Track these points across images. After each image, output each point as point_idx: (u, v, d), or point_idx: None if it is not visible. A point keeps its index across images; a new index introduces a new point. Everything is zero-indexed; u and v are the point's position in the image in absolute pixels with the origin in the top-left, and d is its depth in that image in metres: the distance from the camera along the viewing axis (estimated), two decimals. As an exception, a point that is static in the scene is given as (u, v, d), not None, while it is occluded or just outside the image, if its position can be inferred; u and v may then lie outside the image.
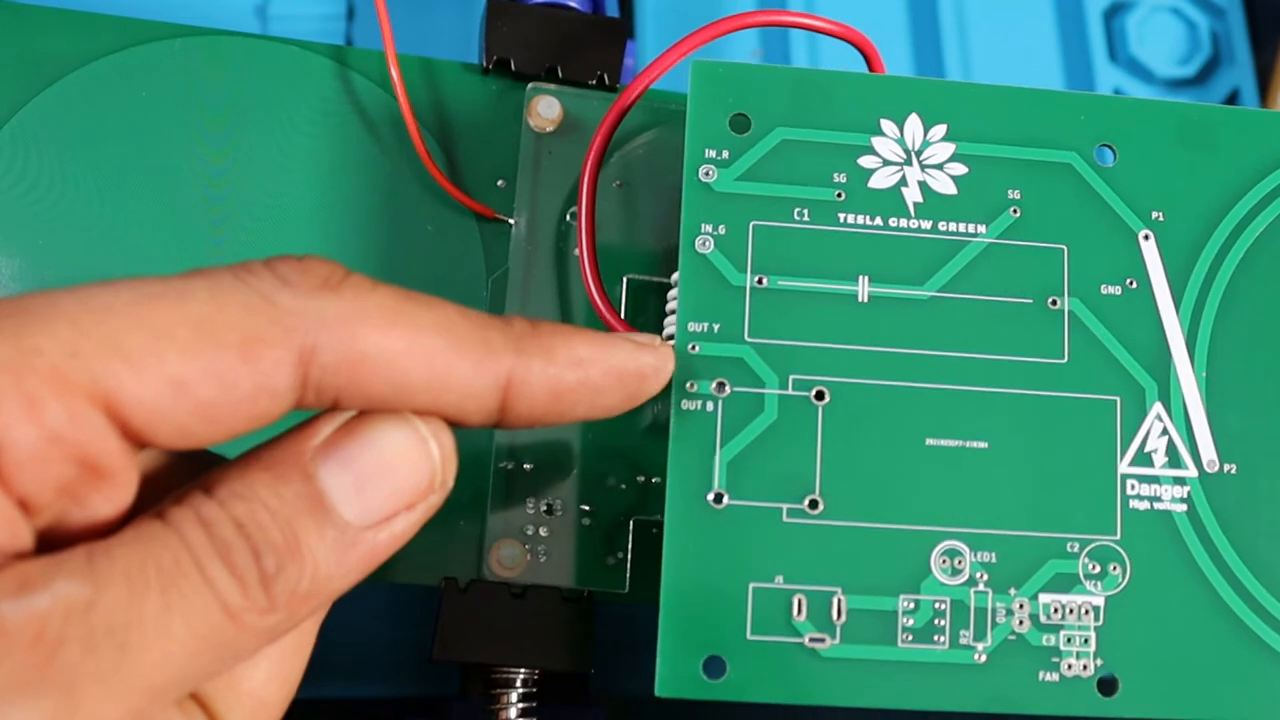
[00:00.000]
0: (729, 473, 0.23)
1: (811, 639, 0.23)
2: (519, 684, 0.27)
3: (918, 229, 0.24)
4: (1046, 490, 0.24)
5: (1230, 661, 0.23)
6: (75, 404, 0.16)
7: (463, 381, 0.19)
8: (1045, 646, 0.23)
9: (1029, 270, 0.24)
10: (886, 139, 0.25)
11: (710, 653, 0.22)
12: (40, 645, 0.15)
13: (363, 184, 0.28)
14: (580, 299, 0.28)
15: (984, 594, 0.23)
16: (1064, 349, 0.24)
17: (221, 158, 0.28)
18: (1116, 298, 0.24)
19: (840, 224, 0.24)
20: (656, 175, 0.29)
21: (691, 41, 0.27)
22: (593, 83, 0.29)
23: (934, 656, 0.23)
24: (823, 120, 0.25)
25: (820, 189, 0.24)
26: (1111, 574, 0.23)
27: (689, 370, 0.23)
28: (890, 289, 0.24)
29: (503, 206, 0.28)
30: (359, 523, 0.18)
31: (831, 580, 0.23)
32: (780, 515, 0.23)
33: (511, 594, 0.26)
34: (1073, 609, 0.23)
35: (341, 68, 0.29)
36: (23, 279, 0.27)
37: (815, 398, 0.23)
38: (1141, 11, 0.42)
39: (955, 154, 0.25)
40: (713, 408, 0.23)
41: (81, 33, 0.28)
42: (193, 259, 0.27)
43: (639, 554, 0.27)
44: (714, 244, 0.24)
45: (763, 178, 0.24)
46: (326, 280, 0.18)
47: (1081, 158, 0.25)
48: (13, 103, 0.27)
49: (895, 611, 0.23)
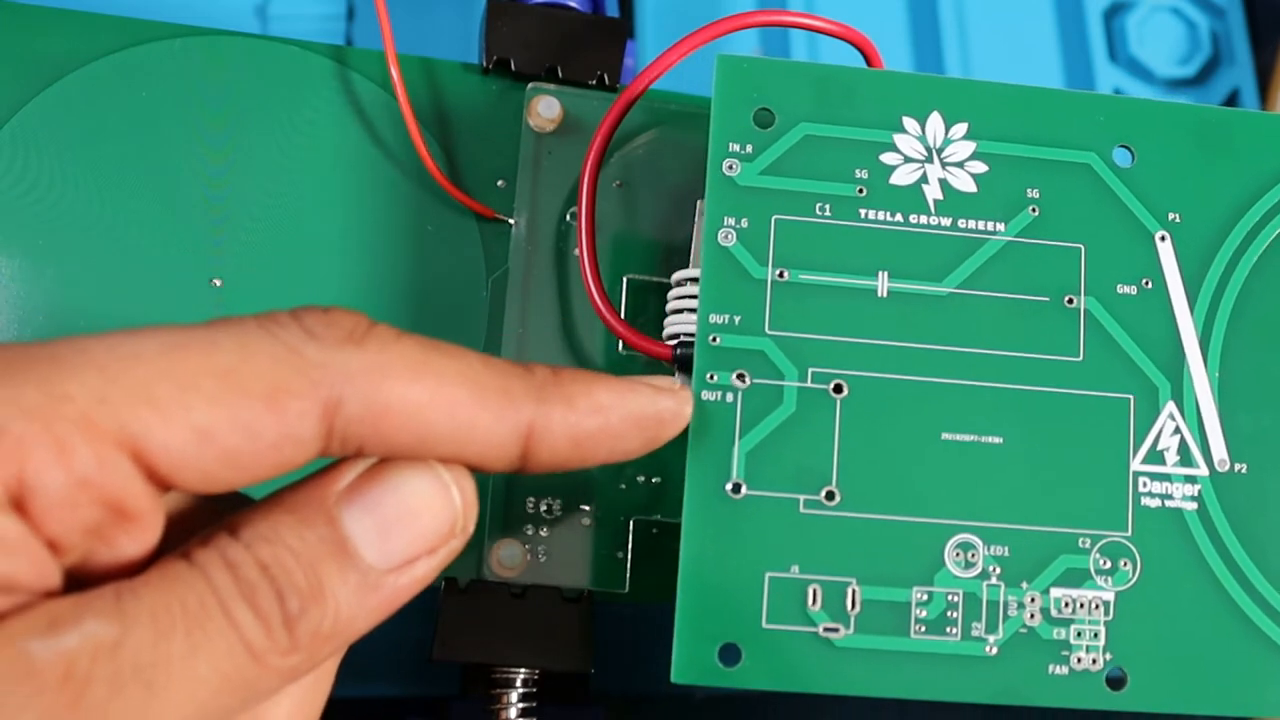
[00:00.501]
0: (747, 463, 0.23)
1: (826, 629, 0.23)
2: (519, 684, 0.27)
3: (937, 226, 0.25)
4: (1059, 486, 0.24)
5: (1237, 658, 0.23)
6: (103, 449, 0.16)
7: (485, 432, 0.19)
8: (1055, 640, 0.23)
9: (1046, 269, 0.25)
10: (908, 136, 0.25)
11: (725, 641, 0.23)
12: (69, 684, 0.16)
13: (363, 184, 0.28)
14: (580, 299, 0.28)
15: (996, 587, 0.23)
16: (1079, 347, 0.24)
17: (221, 158, 0.28)
18: (1132, 298, 0.25)
19: (861, 219, 0.24)
20: (656, 175, 0.29)
21: (691, 41, 0.27)
22: (593, 83, 0.29)
23: (946, 648, 0.23)
24: (846, 116, 0.25)
25: (842, 184, 0.25)
26: (1122, 570, 0.24)
27: (710, 361, 0.24)
28: (909, 285, 0.24)
29: (503, 206, 0.28)
30: (381, 566, 0.19)
31: (846, 571, 0.23)
32: (797, 506, 0.23)
33: (511, 594, 0.26)
34: (1083, 604, 0.23)
35: (341, 68, 0.29)
36: (23, 279, 0.27)
37: (834, 391, 0.24)
38: (1141, 11, 0.42)
39: (976, 152, 0.25)
40: (732, 399, 0.23)
41: (81, 33, 0.28)
42: (193, 259, 0.27)
43: (639, 554, 0.27)
44: (736, 237, 0.24)
45: (785, 172, 0.24)
46: (351, 333, 0.18)
47: (1100, 158, 0.25)
48: (13, 103, 0.27)
49: (909, 603, 0.23)
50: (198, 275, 0.27)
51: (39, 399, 0.16)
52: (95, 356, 0.17)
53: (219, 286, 0.27)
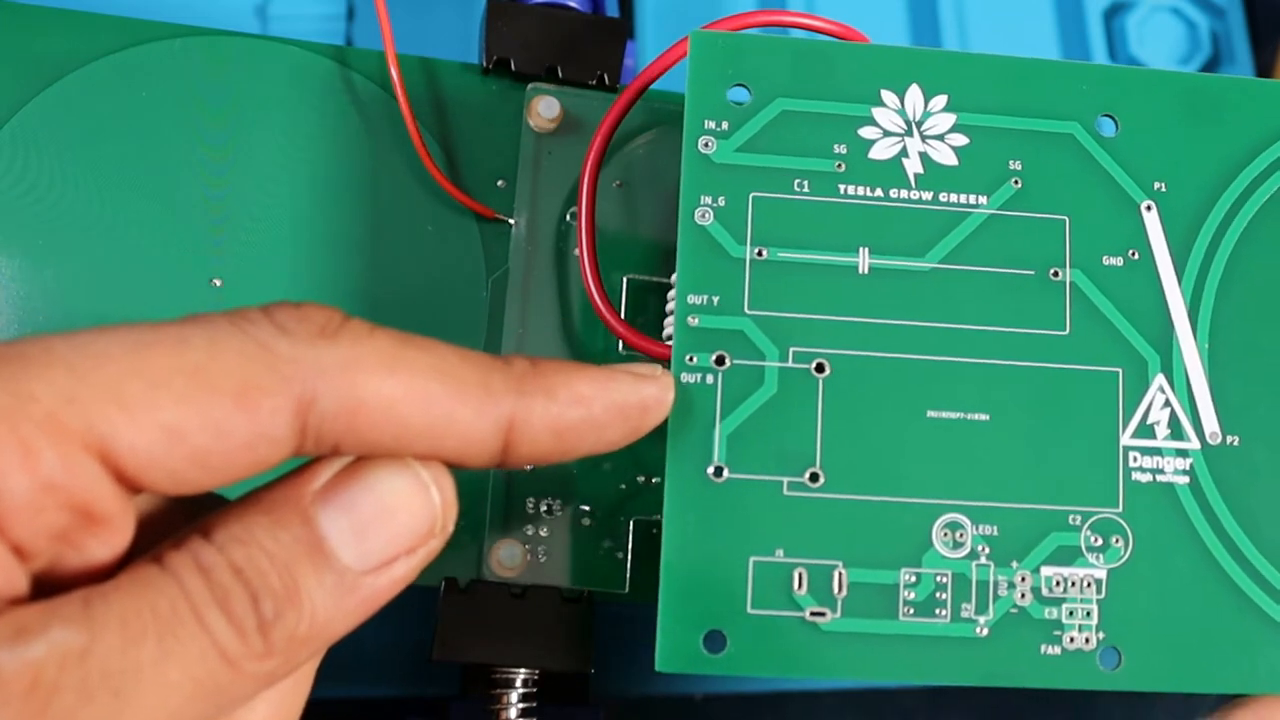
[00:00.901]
0: (729, 446, 0.23)
1: (812, 613, 0.23)
2: (519, 684, 0.27)
3: (918, 200, 0.24)
4: (1048, 463, 0.24)
5: (1233, 632, 0.23)
6: (70, 451, 0.16)
7: (464, 426, 0.19)
8: (1047, 620, 0.23)
9: (1030, 241, 0.24)
10: (887, 109, 0.24)
11: (710, 627, 0.22)
12: (36, 693, 0.15)
13: (363, 184, 0.28)
14: (580, 299, 0.28)
15: (986, 567, 0.23)
16: (1066, 320, 0.24)
17: (221, 158, 0.28)
18: (1118, 269, 0.24)
19: (840, 195, 0.24)
20: (656, 175, 0.29)
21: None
22: (593, 83, 0.29)
23: (935, 630, 0.23)
24: (823, 91, 0.24)
25: (820, 160, 0.24)
26: (1114, 546, 0.23)
27: (688, 343, 0.23)
28: (891, 260, 0.24)
29: (503, 206, 0.28)
30: (358, 567, 0.18)
31: (832, 554, 0.23)
32: (781, 488, 0.23)
33: (511, 594, 0.26)
34: (1075, 582, 0.23)
35: (341, 68, 0.29)
36: (23, 279, 0.27)
37: (815, 370, 0.23)
38: (1141, 11, 0.42)
39: (956, 124, 0.25)
40: (712, 380, 0.23)
41: (81, 33, 0.28)
42: (193, 259, 0.27)
43: (639, 554, 0.27)
44: (713, 216, 0.24)
45: (762, 149, 0.24)
46: (324, 327, 0.18)
47: (1083, 128, 0.25)
48: (13, 103, 0.27)
49: (896, 585, 0.23)
50: (198, 275, 0.27)
51: (3, 400, 0.16)
52: (62, 355, 0.16)
53: (219, 286, 0.27)
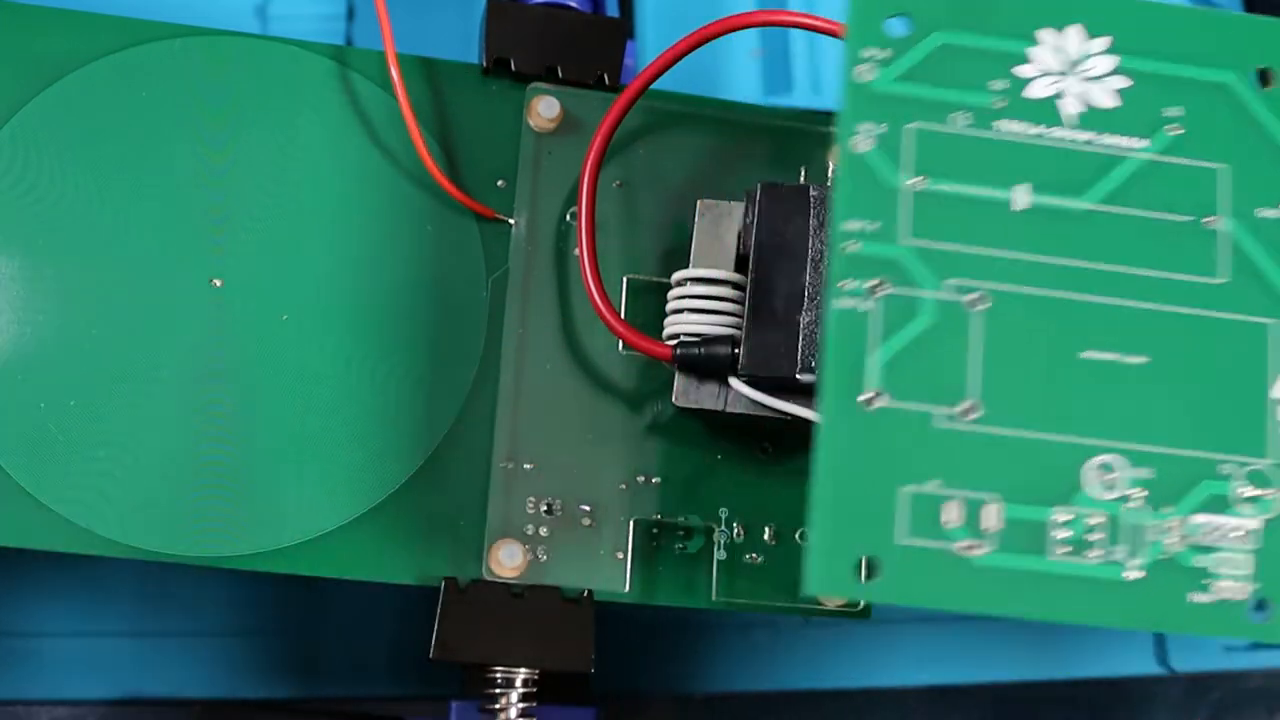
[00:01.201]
0: (884, 374, 0.23)
1: (963, 546, 0.22)
2: (519, 684, 0.27)
3: (1077, 141, 0.24)
4: (1202, 410, 0.23)
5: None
6: None
7: None
8: (1197, 568, 0.23)
9: (1187, 188, 0.24)
10: (1048, 48, 0.24)
11: (861, 554, 0.22)
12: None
13: (363, 184, 0.28)
14: (580, 299, 0.28)
15: (1137, 510, 0.23)
16: (1220, 269, 0.24)
17: (221, 158, 0.28)
18: (1274, 221, 0.24)
19: (999, 132, 0.24)
20: (656, 175, 0.29)
21: (691, 41, 0.27)
22: (593, 83, 0.29)
23: (1085, 571, 0.22)
24: (983, 25, 0.24)
25: (978, 94, 0.24)
26: (1266, 498, 0.23)
27: (846, 269, 0.23)
28: (1049, 199, 0.24)
29: (503, 206, 0.28)
30: None
31: (984, 487, 0.22)
32: (933, 419, 0.23)
33: (511, 594, 0.26)
34: (1227, 531, 0.23)
35: (341, 68, 0.29)
36: (23, 279, 0.27)
37: (972, 303, 0.23)
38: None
39: (1118, 67, 0.24)
40: (868, 308, 0.23)
41: (81, 33, 0.28)
42: (193, 259, 0.27)
43: (639, 554, 0.27)
44: (873, 142, 0.23)
45: (921, 80, 0.24)
46: None
47: (1242, 79, 0.25)
48: (13, 103, 0.27)
49: (1047, 523, 0.22)
50: (198, 275, 0.27)
51: None
52: None
53: (219, 286, 0.27)
